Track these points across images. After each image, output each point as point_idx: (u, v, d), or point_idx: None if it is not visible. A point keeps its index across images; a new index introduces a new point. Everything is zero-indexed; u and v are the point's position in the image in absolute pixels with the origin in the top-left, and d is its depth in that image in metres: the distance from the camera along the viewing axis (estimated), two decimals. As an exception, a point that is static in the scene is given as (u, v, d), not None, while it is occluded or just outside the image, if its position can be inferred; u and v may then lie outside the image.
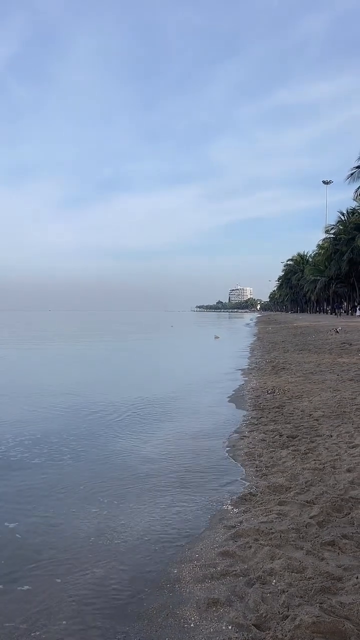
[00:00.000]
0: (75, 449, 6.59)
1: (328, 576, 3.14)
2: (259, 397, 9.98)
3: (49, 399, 10.32)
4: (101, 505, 4.63)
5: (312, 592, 2.96)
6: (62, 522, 4.28)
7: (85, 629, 2.84)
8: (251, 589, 3.04)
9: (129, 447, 6.70)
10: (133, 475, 5.50)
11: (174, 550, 3.71)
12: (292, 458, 5.69)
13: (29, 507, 4.61)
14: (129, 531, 4.07)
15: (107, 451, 6.49)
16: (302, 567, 3.25)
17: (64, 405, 9.71)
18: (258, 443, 6.53)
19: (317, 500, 4.33)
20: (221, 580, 3.21)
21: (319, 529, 3.82)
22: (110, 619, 2.92)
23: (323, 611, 2.74)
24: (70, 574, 3.42)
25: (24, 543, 3.90)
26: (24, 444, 6.78)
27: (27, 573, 3.45)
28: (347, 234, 61.26)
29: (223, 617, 2.82)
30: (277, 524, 3.93)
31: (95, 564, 3.54)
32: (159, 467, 5.76)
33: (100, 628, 2.84)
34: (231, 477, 5.30)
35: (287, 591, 2.97)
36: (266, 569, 3.25)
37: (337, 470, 5.12)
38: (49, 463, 5.97)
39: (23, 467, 5.80)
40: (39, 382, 13.49)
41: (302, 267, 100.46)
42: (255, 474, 5.29)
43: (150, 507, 4.56)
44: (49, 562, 3.59)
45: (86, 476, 5.48)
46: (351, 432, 6.62)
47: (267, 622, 2.73)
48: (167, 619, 2.86)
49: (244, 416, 8.39)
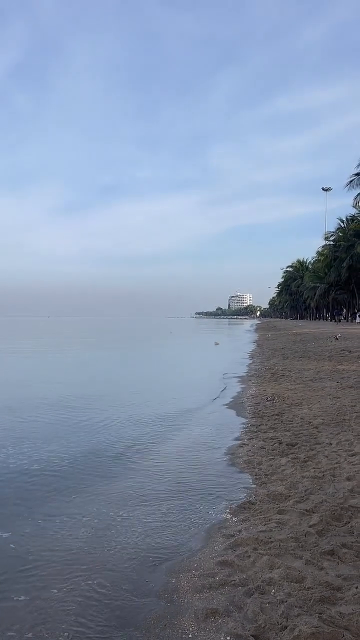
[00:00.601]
0: (73, 456, 6.56)
1: (327, 586, 3.11)
2: (259, 404, 9.96)
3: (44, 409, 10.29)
4: (98, 514, 4.60)
5: (311, 602, 2.94)
6: (58, 531, 4.25)
7: (83, 639, 2.81)
8: (250, 599, 3.01)
9: (125, 454, 6.67)
10: (130, 483, 5.47)
11: (172, 559, 3.69)
12: (291, 466, 5.67)
13: (24, 514, 4.58)
14: (126, 540, 4.04)
15: (104, 458, 6.47)
16: (301, 577, 3.22)
17: (60, 415, 9.68)
18: (257, 451, 6.50)
19: (316, 509, 4.31)
20: (220, 590, 3.18)
21: (319, 538, 3.80)
22: (108, 629, 2.89)
23: (322, 621, 2.72)
24: (67, 584, 3.38)
25: (18, 551, 3.87)
26: (22, 451, 6.75)
27: (23, 583, 3.43)
28: (346, 240, 61.38)
29: (221, 627, 2.80)
30: (276, 532, 3.90)
31: (92, 574, 3.51)
32: (157, 475, 5.73)
33: (98, 639, 2.81)
34: (230, 485, 5.27)
35: (286, 601, 2.95)
36: (265, 579, 3.22)
37: (336, 479, 5.10)
38: (47, 470, 5.94)
39: (21, 473, 5.78)
40: (33, 394, 13.44)
41: (301, 273, 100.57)
42: (254, 482, 5.26)
43: (148, 516, 4.53)
44: (46, 572, 3.56)
45: (83, 484, 5.45)
46: (351, 440, 6.60)
47: (266, 632, 2.71)
48: (165, 630, 2.84)
49: (243, 423, 8.37)
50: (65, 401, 10.98)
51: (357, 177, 50.75)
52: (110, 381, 15.46)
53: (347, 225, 64.33)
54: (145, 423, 8.67)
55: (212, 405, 10.57)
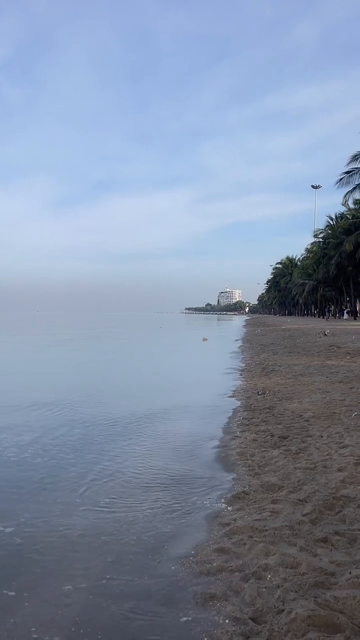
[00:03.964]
0: (73, 449, 6.60)
1: (322, 571, 3.20)
2: (250, 398, 10.06)
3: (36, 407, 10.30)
4: (98, 503, 4.65)
5: (307, 587, 3.02)
6: (60, 521, 4.29)
7: (85, 625, 2.86)
8: (247, 584, 3.09)
9: (121, 446, 6.72)
10: (126, 474, 5.52)
11: (169, 547, 3.75)
12: (283, 458, 5.76)
13: (25, 507, 4.62)
14: (125, 529, 4.09)
15: (101, 451, 6.51)
16: (296, 563, 3.31)
17: (54, 411, 9.69)
18: (250, 443, 6.59)
19: (309, 499, 4.40)
20: (217, 575, 3.25)
21: (312, 526, 3.89)
22: (109, 615, 2.95)
23: (318, 605, 2.80)
24: (67, 572, 3.43)
25: (22, 543, 3.91)
26: (19, 446, 6.77)
27: (27, 575, 3.47)
28: (335, 238, 61.77)
29: (220, 611, 2.87)
30: (270, 521, 3.99)
31: (91, 561, 3.56)
32: (151, 467, 5.79)
33: (101, 624, 2.87)
34: (224, 476, 5.35)
35: (282, 586, 3.03)
36: (261, 565, 3.30)
37: (328, 470, 5.20)
38: (49, 462, 5.97)
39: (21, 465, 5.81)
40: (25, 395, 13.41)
41: (290, 270, 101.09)
42: (248, 473, 5.35)
43: (145, 506, 4.58)
44: (49, 562, 3.61)
45: (84, 476, 5.49)
46: (341, 433, 6.72)
47: (264, 615, 2.78)
48: (166, 613, 2.90)
49: (235, 417, 8.45)
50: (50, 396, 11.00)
51: (347, 175, 51.01)
52: (105, 377, 15.47)
53: (336, 223, 64.70)
54: (136, 419, 8.69)
55: (203, 399, 10.64)
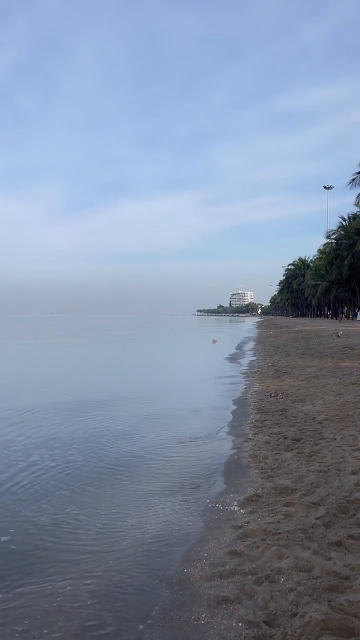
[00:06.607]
0: (79, 451, 6.64)
1: (335, 575, 3.18)
2: (262, 400, 10.03)
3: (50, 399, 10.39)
4: (110, 506, 4.68)
5: (320, 591, 3.01)
6: (67, 522, 4.33)
7: (97, 627, 2.89)
8: (260, 587, 3.08)
9: (132, 449, 6.75)
10: (138, 476, 5.55)
11: (183, 550, 3.76)
12: (296, 460, 5.74)
13: (27, 506, 4.66)
14: (138, 531, 4.11)
15: (111, 453, 6.54)
16: (309, 567, 3.29)
17: (64, 408, 9.76)
18: (263, 445, 6.57)
19: (322, 502, 4.38)
20: (230, 578, 3.26)
21: (326, 529, 3.87)
22: (122, 618, 2.97)
23: (332, 609, 2.79)
24: (79, 571, 3.46)
25: (25, 540, 3.95)
26: (22, 445, 6.83)
27: (34, 573, 3.50)
28: (348, 239, 61.36)
29: (233, 614, 2.87)
30: (283, 524, 3.97)
31: (104, 563, 3.59)
32: (164, 469, 5.81)
33: (112, 625, 2.89)
34: (237, 479, 5.34)
35: (296, 589, 3.02)
36: (274, 568, 3.30)
37: (342, 473, 5.17)
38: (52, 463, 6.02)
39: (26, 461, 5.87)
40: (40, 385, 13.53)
41: (303, 271, 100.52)
42: (260, 476, 5.33)
43: (157, 509, 4.61)
44: (57, 562, 3.64)
45: (92, 478, 5.53)
46: (355, 435, 6.66)
47: (277, 619, 2.78)
48: (180, 615, 2.91)
49: (248, 419, 8.43)
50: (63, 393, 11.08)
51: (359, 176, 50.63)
52: (115, 376, 15.54)
53: (348, 223, 64.28)
54: (147, 420, 8.73)
55: (215, 401, 10.64)
